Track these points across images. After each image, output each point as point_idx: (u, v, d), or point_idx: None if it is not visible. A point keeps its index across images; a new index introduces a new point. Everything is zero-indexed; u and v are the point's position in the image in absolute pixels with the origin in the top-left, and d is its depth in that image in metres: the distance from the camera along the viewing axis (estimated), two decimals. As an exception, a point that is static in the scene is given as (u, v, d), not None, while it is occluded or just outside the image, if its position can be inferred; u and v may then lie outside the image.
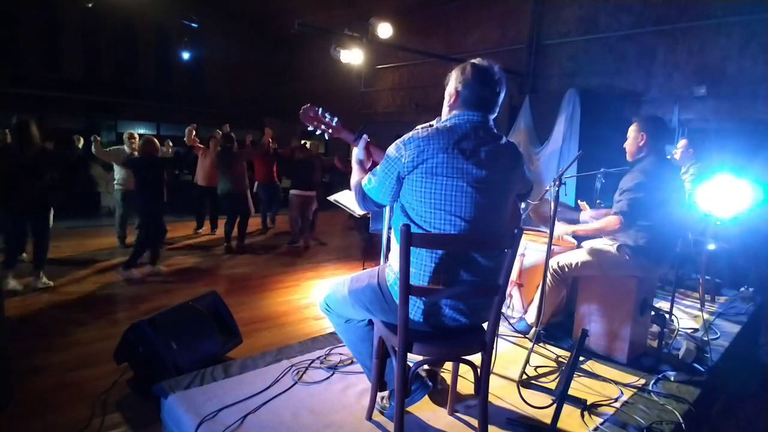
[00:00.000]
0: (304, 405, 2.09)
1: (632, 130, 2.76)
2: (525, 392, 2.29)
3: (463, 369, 1.97)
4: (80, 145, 4.83)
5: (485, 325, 1.78)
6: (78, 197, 8.98)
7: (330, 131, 2.17)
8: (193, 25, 9.95)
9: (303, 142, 7.06)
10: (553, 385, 2.40)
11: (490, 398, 2.02)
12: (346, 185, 2.54)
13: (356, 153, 2.06)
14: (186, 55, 10.56)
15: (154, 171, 5.00)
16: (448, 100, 1.74)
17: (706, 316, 3.53)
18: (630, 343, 2.70)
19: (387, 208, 2.37)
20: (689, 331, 3.27)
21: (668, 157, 3.55)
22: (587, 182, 3.77)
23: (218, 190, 6.53)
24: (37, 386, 2.76)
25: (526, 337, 2.95)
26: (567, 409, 2.08)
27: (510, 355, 2.75)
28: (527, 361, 2.51)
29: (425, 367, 2.17)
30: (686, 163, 4.27)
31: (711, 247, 3.89)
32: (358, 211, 3.06)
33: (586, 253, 2.81)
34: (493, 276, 1.67)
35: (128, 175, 6.34)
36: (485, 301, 1.70)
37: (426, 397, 2.08)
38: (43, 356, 3.14)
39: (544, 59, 7.47)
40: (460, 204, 1.59)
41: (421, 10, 9.31)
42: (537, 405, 2.17)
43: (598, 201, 3.50)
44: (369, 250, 6.07)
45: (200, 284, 4.88)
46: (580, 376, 2.52)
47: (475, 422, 1.98)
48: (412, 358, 1.69)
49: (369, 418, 2.00)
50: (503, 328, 3.07)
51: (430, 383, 2.00)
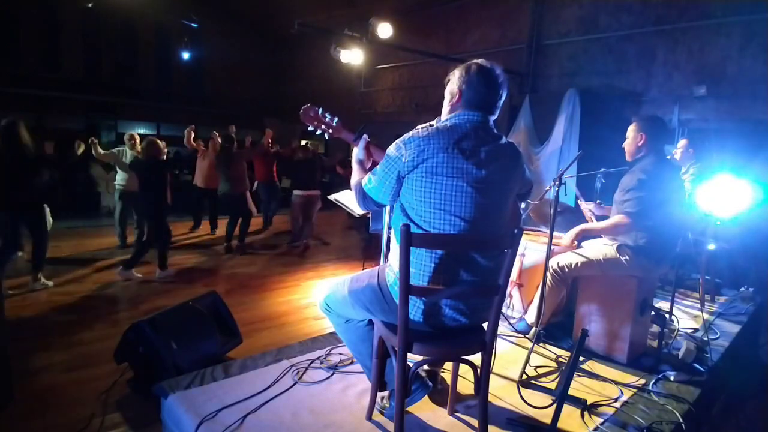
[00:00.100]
0: (304, 405, 2.09)
1: (631, 130, 2.76)
2: (525, 392, 2.29)
3: (463, 369, 1.97)
4: (80, 152, 4.80)
5: (485, 325, 1.78)
6: (78, 197, 9.00)
7: (330, 131, 2.17)
8: (193, 25, 9.94)
9: (306, 142, 7.07)
10: (553, 385, 2.40)
11: (490, 398, 2.03)
12: (346, 185, 2.54)
13: (356, 153, 2.06)
14: (186, 55, 10.55)
15: (158, 173, 5.00)
16: (450, 99, 1.74)
17: (706, 316, 3.53)
18: (630, 343, 2.70)
19: (387, 208, 2.37)
20: (689, 331, 3.28)
21: (668, 157, 3.55)
22: (587, 182, 3.77)
23: (219, 191, 6.54)
24: (37, 386, 2.77)
25: (526, 337, 2.95)
26: (567, 409, 2.08)
27: (510, 355, 2.75)
28: (527, 361, 2.51)
29: (425, 367, 2.17)
30: (686, 163, 4.27)
31: (711, 247, 3.89)
32: (358, 211, 3.06)
33: (586, 253, 2.81)
34: (493, 276, 1.67)
35: (129, 176, 6.36)
36: (485, 301, 1.70)
37: (426, 397, 2.08)
38: (43, 356, 3.14)
39: (544, 59, 7.47)
40: (460, 204, 1.59)
41: (421, 10, 9.31)
42: (537, 405, 2.17)
43: (598, 201, 3.50)
44: (369, 250, 6.07)
45: (200, 284, 4.89)
46: (580, 376, 2.52)
47: (475, 422, 1.99)
48: (412, 358, 1.69)
49: (369, 418, 2.00)
50: (503, 328, 3.07)
51: (430, 383, 2.00)
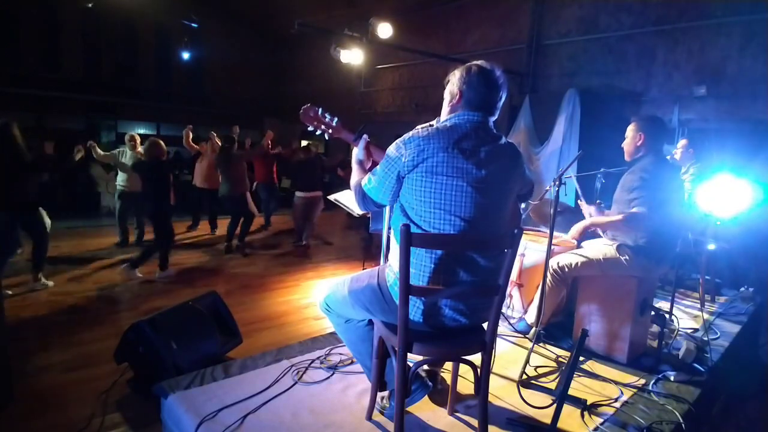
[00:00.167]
0: (304, 405, 2.09)
1: (630, 130, 2.76)
2: (525, 392, 2.29)
3: (463, 369, 1.97)
4: (77, 157, 4.77)
5: (485, 325, 1.78)
6: (78, 197, 9.00)
7: (330, 131, 2.17)
8: (193, 25, 9.94)
9: (308, 143, 7.07)
10: (553, 385, 2.40)
11: (490, 398, 2.03)
12: (346, 186, 2.54)
13: (356, 153, 2.06)
14: (186, 55, 10.55)
15: (161, 174, 5.00)
16: (450, 99, 1.74)
17: (706, 316, 3.53)
18: (630, 343, 2.70)
19: (387, 208, 2.37)
20: (689, 331, 3.28)
21: (668, 157, 3.55)
22: (587, 182, 3.77)
23: (219, 192, 6.55)
24: (37, 386, 2.76)
25: (526, 337, 2.95)
26: (567, 409, 2.08)
27: (510, 355, 2.75)
28: (527, 361, 2.51)
29: (425, 367, 2.17)
30: (686, 163, 4.28)
31: (711, 247, 3.89)
32: (358, 211, 3.06)
33: (586, 253, 2.81)
34: (493, 276, 1.67)
35: (129, 177, 6.38)
36: (485, 301, 1.70)
37: (426, 397, 2.08)
38: (43, 356, 3.14)
39: (544, 59, 7.47)
40: (459, 204, 1.59)
41: (421, 10, 9.30)
42: (537, 405, 2.17)
43: (597, 201, 3.50)
44: (369, 250, 6.06)
45: (200, 284, 4.88)
46: (580, 376, 2.52)
47: (475, 422, 1.99)
48: (412, 358, 1.69)
49: (369, 418, 2.00)
50: (503, 328, 3.07)
51: (430, 383, 2.00)
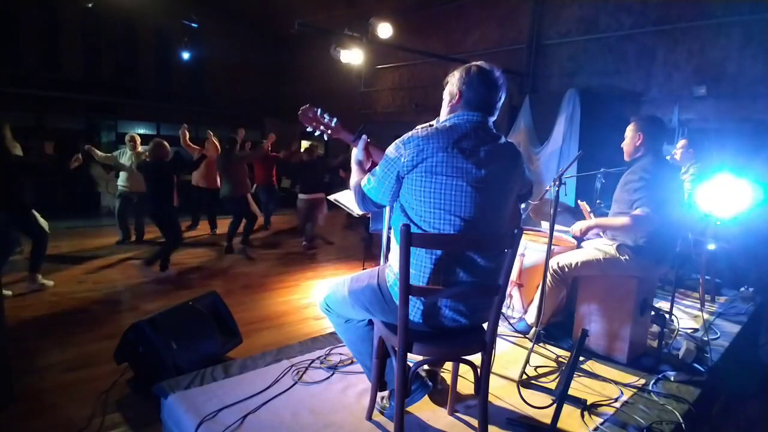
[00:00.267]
0: (304, 405, 2.09)
1: (630, 130, 2.75)
2: (525, 392, 2.29)
3: (463, 369, 1.97)
4: (74, 166, 4.75)
5: (485, 325, 1.78)
6: (78, 197, 8.99)
7: (329, 132, 2.16)
8: (193, 25, 9.93)
9: (309, 143, 7.08)
10: (553, 385, 2.40)
11: (490, 398, 2.03)
12: (347, 186, 2.54)
13: (355, 154, 2.06)
14: (186, 55, 10.54)
15: (164, 175, 4.99)
16: (449, 100, 1.74)
17: (706, 316, 3.53)
18: (630, 343, 2.70)
19: (387, 208, 2.37)
20: (689, 331, 3.28)
21: (667, 157, 3.55)
22: (587, 182, 3.77)
23: (220, 194, 6.55)
24: (37, 386, 2.76)
25: (526, 337, 2.95)
26: (567, 409, 2.08)
27: (510, 355, 2.75)
28: (527, 361, 2.51)
29: (425, 367, 2.17)
30: (686, 163, 4.27)
31: (711, 247, 3.89)
32: (358, 211, 3.06)
33: (586, 253, 2.81)
34: (493, 276, 1.67)
35: (129, 177, 6.39)
36: (485, 301, 1.70)
37: (426, 397, 2.08)
38: (43, 356, 3.14)
39: (544, 59, 7.47)
40: (459, 203, 1.59)
41: (421, 10, 9.30)
42: (537, 405, 2.17)
43: (597, 201, 3.50)
44: (369, 250, 6.06)
45: (200, 284, 4.89)
46: (580, 376, 2.52)
47: (475, 422, 1.99)
48: (412, 358, 1.69)
49: (369, 418, 2.00)
50: (503, 328, 3.07)
51: (430, 383, 2.00)
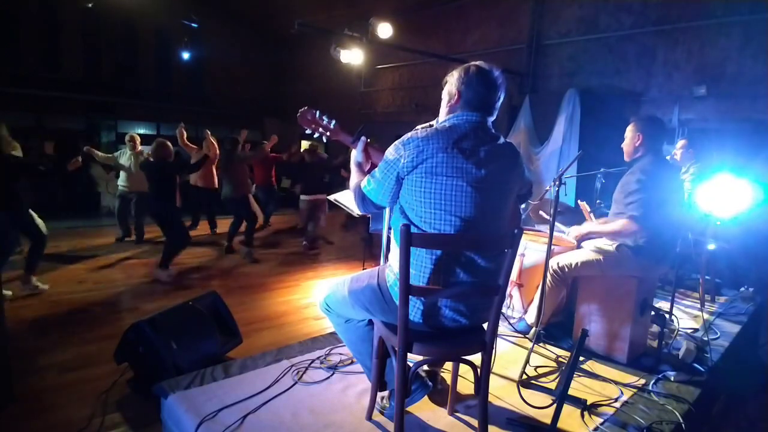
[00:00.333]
0: (304, 405, 2.09)
1: (629, 130, 2.76)
2: (525, 392, 2.29)
3: (463, 369, 1.97)
4: (72, 168, 4.74)
5: (485, 325, 1.78)
6: (78, 197, 8.99)
7: (328, 134, 2.17)
8: (193, 25, 9.93)
9: (309, 143, 7.09)
10: (553, 385, 2.40)
11: (490, 398, 2.03)
12: (347, 186, 2.54)
13: (355, 155, 2.06)
14: (186, 55, 10.53)
15: (167, 175, 4.99)
16: (448, 100, 1.74)
17: (706, 316, 3.53)
18: (630, 343, 2.70)
19: (387, 209, 2.37)
20: (689, 331, 3.28)
21: (667, 157, 3.55)
22: (587, 182, 3.77)
23: (222, 194, 6.56)
24: (37, 386, 2.76)
25: (526, 337, 2.95)
26: (567, 409, 2.08)
27: (510, 355, 2.75)
28: (527, 361, 2.51)
29: (425, 367, 2.17)
30: (686, 163, 4.28)
31: (711, 247, 3.89)
32: (357, 211, 3.06)
33: (586, 253, 2.81)
34: (493, 276, 1.67)
35: (129, 177, 6.39)
36: (485, 301, 1.70)
37: (426, 397, 2.08)
38: (43, 356, 3.14)
39: (544, 59, 7.46)
40: (459, 204, 1.59)
41: (421, 10, 9.30)
42: (537, 405, 2.17)
43: (597, 201, 3.50)
44: (369, 250, 6.06)
45: (200, 284, 4.89)
46: (580, 376, 2.52)
47: (475, 422, 1.99)
48: (412, 358, 1.69)
49: (369, 418, 2.00)
50: (503, 328, 3.07)
51: (430, 383, 2.00)
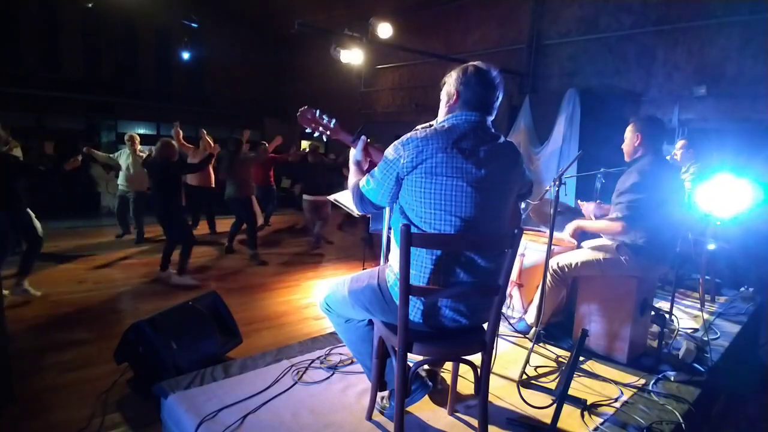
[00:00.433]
0: (304, 405, 2.09)
1: (629, 131, 2.76)
2: (525, 392, 2.29)
3: (463, 369, 1.97)
4: (70, 168, 4.74)
5: (485, 325, 1.78)
6: (78, 197, 9.00)
7: (328, 133, 2.16)
8: (193, 25, 9.93)
9: (309, 143, 7.11)
10: (553, 385, 2.40)
11: (490, 398, 2.03)
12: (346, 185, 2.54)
13: (354, 154, 2.06)
14: (186, 55, 10.54)
15: (171, 175, 4.99)
16: (447, 101, 1.74)
17: (706, 316, 3.53)
18: (630, 343, 2.70)
19: (387, 208, 2.37)
20: (689, 331, 3.27)
21: (668, 158, 3.55)
22: (587, 182, 3.76)
23: (225, 194, 6.56)
24: (37, 386, 2.76)
25: (526, 337, 2.95)
26: (567, 409, 2.08)
27: (510, 355, 2.75)
28: (527, 361, 2.51)
29: (425, 367, 2.17)
30: (686, 163, 4.27)
31: (711, 247, 3.89)
32: (357, 211, 3.06)
33: (586, 253, 2.81)
34: (493, 276, 1.67)
35: (128, 178, 6.39)
36: (485, 301, 1.70)
37: (426, 397, 2.08)
38: (43, 356, 3.14)
39: (544, 59, 7.46)
40: (459, 204, 1.59)
41: (421, 10, 9.30)
42: (537, 405, 2.17)
43: (598, 201, 3.50)
44: (369, 250, 6.06)
45: (200, 284, 4.89)
46: (580, 376, 2.52)
47: (475, 422, 1.99)
48: (412, 358, 1.69)
49: (369, 418, 2.00)
50: (503, 328, 3.07)
51: (430, 383, 2.00)
